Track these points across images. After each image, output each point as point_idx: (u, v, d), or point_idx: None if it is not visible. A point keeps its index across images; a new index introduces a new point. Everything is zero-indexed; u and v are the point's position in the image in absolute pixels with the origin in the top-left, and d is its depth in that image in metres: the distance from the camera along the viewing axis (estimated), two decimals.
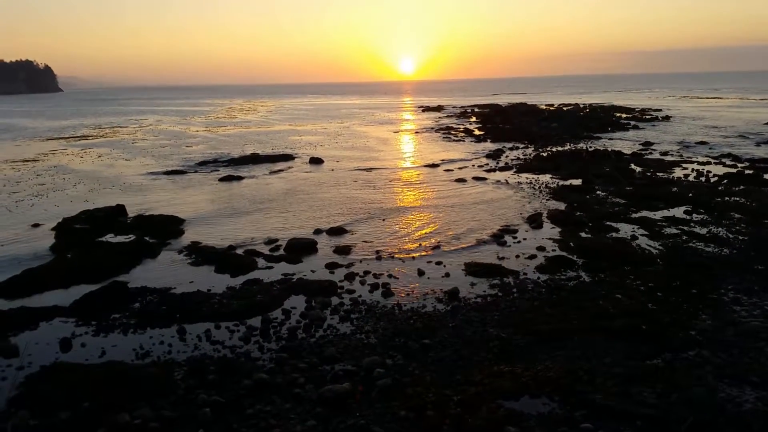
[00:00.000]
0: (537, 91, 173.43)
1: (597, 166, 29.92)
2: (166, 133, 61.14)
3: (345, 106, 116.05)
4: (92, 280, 14.24)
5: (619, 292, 12.61)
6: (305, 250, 16.70)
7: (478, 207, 21.84)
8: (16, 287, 13.80)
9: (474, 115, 76.20)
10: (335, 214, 21.42)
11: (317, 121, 73.93)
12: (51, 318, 12.07)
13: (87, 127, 72.37)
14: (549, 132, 48.37)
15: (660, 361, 9.52)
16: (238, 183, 29.13)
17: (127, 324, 11.69)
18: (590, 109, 77.39)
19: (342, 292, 13.32)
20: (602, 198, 22.67)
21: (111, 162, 38.21)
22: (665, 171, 28.58)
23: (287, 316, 11.96)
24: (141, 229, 19.13)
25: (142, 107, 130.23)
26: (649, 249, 15.86)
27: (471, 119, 69.73)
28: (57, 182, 30.11)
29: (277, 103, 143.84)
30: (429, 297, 12.89)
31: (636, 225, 18.41)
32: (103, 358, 10.23)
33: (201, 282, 14.21)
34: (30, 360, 10.17)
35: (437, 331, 10.89)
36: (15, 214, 22.64)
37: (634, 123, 55.81)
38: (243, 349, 10.47)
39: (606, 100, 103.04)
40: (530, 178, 27.84)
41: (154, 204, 23.82)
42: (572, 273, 14.21)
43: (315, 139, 50.41)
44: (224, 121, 78.39)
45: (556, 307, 11.78)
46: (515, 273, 14.24)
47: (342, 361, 9.77)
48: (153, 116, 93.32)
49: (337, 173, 31.23)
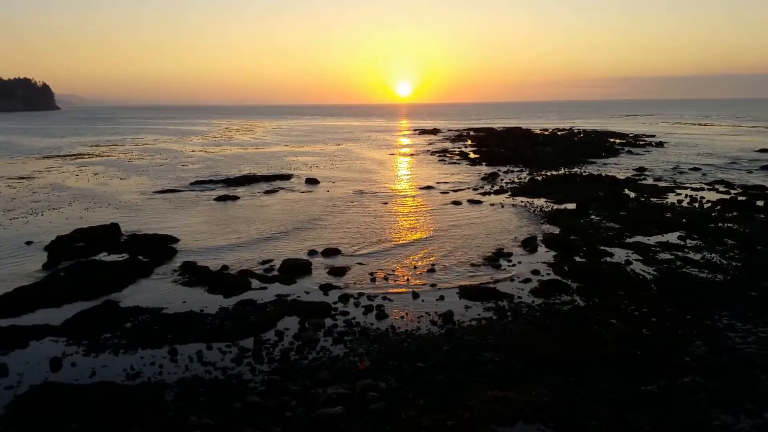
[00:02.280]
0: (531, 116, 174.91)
1: (591, 190, 30.08)
2: (162, 152, 61.21)
3: (342, 128, 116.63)
4: (84, 298, 14.15)
5: (614, 317, 12.59)
6: (299, 271, 16.64)
7: (473, 230, 21.87)
8: (7, 305, 13.66)
9: (469, 138, 76.70)
10: (330, 235, 21.40)
11: (314, 143, 74.23)
12: (41, 337, 11.94)
13: (83, 145, 72.39)
14: (543, 156, 48.68)
15: (655, 387, 9.47)
16: (234, 203, 29.11)
17: (118, 344, 11.57)
18: (584, 134, 78.05)
19: (336, 313, 13.25)
20: (596, 222, 22.75)
21: (106, 180, 38.17)
22: (659, 196, 28.73)
23: (280, 338, 11.87)
24: (135, 248, 19.04)
25: (139, 126, 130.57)
26: (644, 274, 15.87)
27: (466, 142, 70.17)
28: (52, 200, 30.02)
29: (274, 123, 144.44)
30: (423, 320, 12.84)
31: (630, 250, 18.45)
32: (94, 378, 10.11)
33: (194, 302, 14.11)
34: (19, 380, 10.04)
35: (431, 354, 10.83)
36: (9, 231, 22.53)
37: (627, 148, 56.29)
38: (235, 371, 10.36)
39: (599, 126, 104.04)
40: (525, 201, 27.95)
41: (148, 223, 23.76)
42: (567, 297, 14.20)
43: (311, 160, 50.56)
44: (221, 141, 78.58)
45: (550, 332, 11.73)
46: (510, 296, 14.22)
47: (335, 384, 9.69)
48: (149, 135, 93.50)
49: (333, 194, 31.27)
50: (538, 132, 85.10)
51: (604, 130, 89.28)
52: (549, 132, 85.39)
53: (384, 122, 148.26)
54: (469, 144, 67.47)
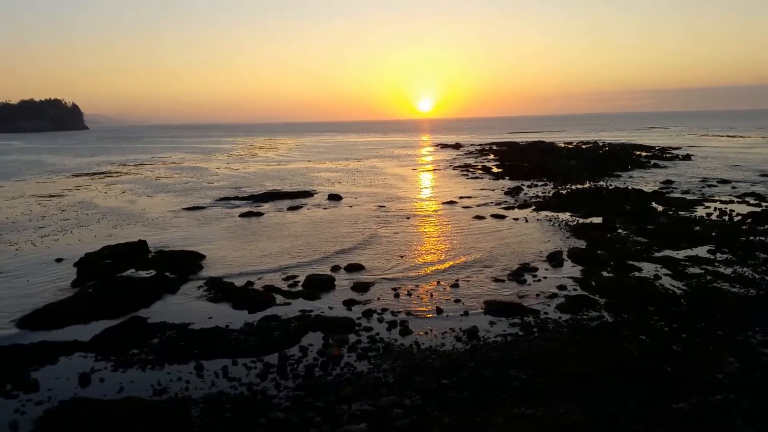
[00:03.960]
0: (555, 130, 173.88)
1: (617, 204, 29.71)
2: (188, 170, 62.16)
3: (363, 144, 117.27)
4: (112, 315, 14.35)
5: (643, 333, 12.36)
6: (323, 286, 16.69)
7: (497, 244, 21.72)
8: (37, 321, 13.96)
9: (492, 152, 76.47)
10: (353, 250, 21.43)
11: (336, 159, 74.74)
12: (71, 353, 12.14)
13: (111, 163, 73.91)
14: (568, 170, 48.28)
15: (687, 404, 9.23)
16: (258, 219, 29.37)
17: (145, 359, 11.70)
18: (609, 148, 77.25)
19: (359, 329, 13.23)
20: (623, 236, 22.43)
21: (134, 198, 38.84)
22: (687, 210, 28.25)
23: (304, 354, 11.88)
24: (162, 264, 19.29)
25: (166, 145, 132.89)
26: (673, 289, 15.58)
27: (489, 157, 69.95)
28: (81, 218, 30.62)
29: (297, 140, 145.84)
30: (447, 336, 12.75)
31: (659, 264, 18.14)
32: (121, 393, 10.22)
33: (219, 318, 14.23)
34: (49, 395, 10.19)
35: (456, 370, 10.72)
36: (39, 248, 23.01)
37: (654, 161, 55.53)
38: (260, 387, 10.40)
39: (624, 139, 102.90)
40: (550, 215, 27.70)
41: (175, 239, 24.07)
42: (594, 313, 13.99)
43: (334, 176, 50.87)
44: (245, 159, 79.59)
45: (577, 348, 11.55)
46: (535, 312, 14.05)
47: (359, 401, 9.64)
48: (176, 154, 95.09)
49: (356, 210, 31.37)
50: (562, 145, 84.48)
51: (629, 142, 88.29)
52: (573, 145, 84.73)
53: (406, 138, 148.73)
54: (491, 158, 67.25)
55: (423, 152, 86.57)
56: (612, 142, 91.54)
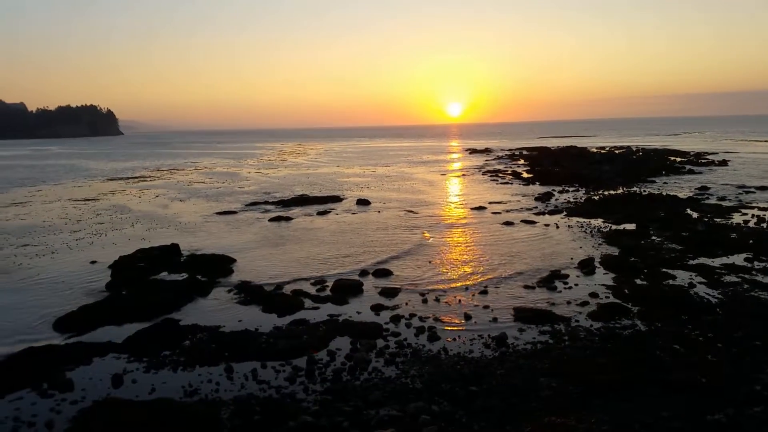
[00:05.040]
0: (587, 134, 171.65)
1: (651, 210, 29.15)
2: (219, 175, 63.06)
3: (392, 149, 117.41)
4: (145, 317, 14.60)
5: (677, 343, 12.07)
6: (351, 291, 16.73)
7: (527, 251, 21.49)
8: (72, 323, 14.28)
9: (522, 157, 75.82)
10: (381, 255, 21.44)
11: (365, 164, 74.96)
12: (104, 354, 12.39)
13: (145, 168, 75.45)
14: (600, 175, 47.57)
15: (722, 416, 8.98)
16: (287, 223, 29.61)
17: (177, 361, 11.87)
18: (643, 153, 75.90)
19: (387, 334, 13.21)
20: (657, 243, 21.98)
21: (167, 202, 39.54)
22: (723, 216, 27.56)
23: (332, 358, 11.91)
24: (193, 267, 19.59)
25: (198, 150, 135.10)
26: (708, 297, 15.20)
27: (519, 162, 69.38)
28: (115, 221, 31.29)
29: (326, 146, 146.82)
30: (476, 342, 12.65)
31: (693, 272, 17.72)
32: (153, 394, 10.38)
33: (249, 321, 14.37)
34: (83, 395, 10.41)
35: (485, 377, 10.62)
36: (74, 251, 23.57)
37: (689, 167, 54.36)
38: (288, 390, 10.46)
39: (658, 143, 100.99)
40: (581, 221, 27.31)
41: (206, 243, 24.42)
42: (627, 321, 13.72)
43: (362, 181, 51.03)
44: (275, 164, 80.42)
45: (610, 357, 11.34)
46: (566, 320, 13.85)
47: (387, 406, 9.62)
48: (208, 159, 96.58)
49: (384, 215, 31.40)
50: (595, 150, 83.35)
51: (663, 147, 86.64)
52: (606, 150, 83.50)
53: (435, 143, 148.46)
54: (521, 163, 66.69)
55: (452, 157, 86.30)
56: (646, 147, 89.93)
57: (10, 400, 10.30)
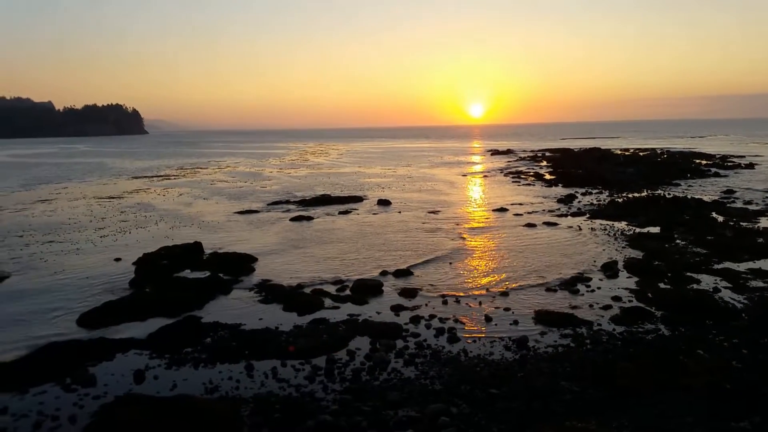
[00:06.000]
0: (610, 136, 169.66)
1: (676, 213, 28.69)
2: (242, 174, 63.60)
3: (414, 150, 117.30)
4: (168, 314, 14.77)
5: (701, 348, 11.86)
6: (371, 291, 16.73)
7: (549, 253, 21.29)
8: (96, 318, 14.49)
9: (544, 159, 75.22)
10: (402, 256, 21.42)
11: (386, 164, 74.99)
12: (127, 350, 12.55)
13: (169, 167, 76.39)
14: (624, 178, 46.97)
15: (748, 423, 8.81)
16: (308, 223, 29.74)
17: (198, 358, 11.99)
18: (668, 155, 74.77)
19: (407, 335, 13.19)
20: (682, 247, 21.63)
21: (190, 201, 39.98)
22: (750, 221, 27.02)
23: (352, 357, 11.93)
24: (216, 265, 19.77)
25: (222, 150, 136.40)
26: (733, 302, 14.91)
27: (541, 163, 68.83)
28: (139, 219, 31.72)
29: (347, 146, 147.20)
30: (496, 344, 12.56)
31: (719, 276, 17.40)
32: (174, 391, 10.49)
33: (269, 319, 14.45)
34: (105, 390, 10.57)
35: (505, 380, 10.55)
36: (99, 248, 23.94)
37: (714, 170, 53.37)
38: (308, 389, 10.50)
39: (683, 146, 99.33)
40: (604, 224, 26.99)
41: (228, 242, 24.63)
42: (650, 326, 13.52)
43: (383, 182, 51.05)
44: (297, 164, 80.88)
45: (632, 361, 11.17)
46: (588, 323, 13.69)
47: (405, 407, 9.60)
48: (231, 158, 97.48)
49: (405, 215, 31.37)
50: (618, 152, 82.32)
51: (688, 150, 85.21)
52: (630, 152, 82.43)
53: (457, 144, 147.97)
54: (544, 165, 66.15)
55: (474, 158, 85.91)
56: (670, 149, 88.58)
57: (35, 393, 10.49)
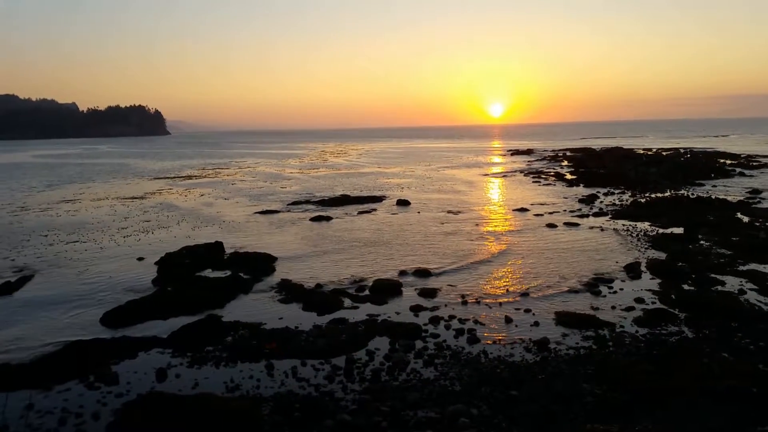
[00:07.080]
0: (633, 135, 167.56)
1: (700, 214, 28.24)
2: (262, 174, 64.02)
3: (433, 150, 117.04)
4: (190, 312, 14.93)
5: (726, 351, 11.66)
6: (390, 291, 16.72)
7: (570, 254, 21.10)
8: (119, 317, 14.70)
9: (565, 159, 74.57)
10: (421, 256, 21.38)
11: (405, 165, 74.92)
12: (149, 348, 12.71)
13: (191, 168, 77.18)
14: (647, 177, 46.35)
15: None
16: (328, 223, 29.83)
17: (219, 357, 12.09)
18: (691, 155, 73.62)
19: (426, 335, 13.16)
20: (706, 248, 21.28)
21: (211, 201, 40.36)
22: None
23: (371, 358, 11.94)
24: (236, 265, 19.94)
25: (242, 150, 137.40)
26: (759, 305, 14.63)
27: (562, 163, 68.24)
28: (161, 219, 32.09)
29: (367, 146, 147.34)
30: (517, 345, 12.48)
31: (744, 278, 17.09)
32: (196, 389, 10.60)
33: (289, 319, 14.53)
34: (128, 388, 10.70)
35: (525, 382, 10.47)
36: (122, 247, 24.27)
37: (739, 170, 52.43)
38: (327, 388, 10.53)
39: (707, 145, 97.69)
40: (627, 225, 26.66)
41: (249, 241, 24.80)
42: (674, 328, 13.33)
43: (403, 182, 51.01)
44: (317, 164, 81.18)
45: (655, 364, 11.02)
46: (611, 325, 13.54)
47: (425, 408, 9.58)
48: (252, 159, 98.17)
49: (424, 215, 31.31)
50: (641, 152, 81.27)
51: (712, 150, 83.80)
52: (653, 152, 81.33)
53: (476, 143, 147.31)
54: (565, 165, 65.57)
55: (494, 159, 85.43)
56: (694, 149, 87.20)
57: (59, 391, 10.67)
